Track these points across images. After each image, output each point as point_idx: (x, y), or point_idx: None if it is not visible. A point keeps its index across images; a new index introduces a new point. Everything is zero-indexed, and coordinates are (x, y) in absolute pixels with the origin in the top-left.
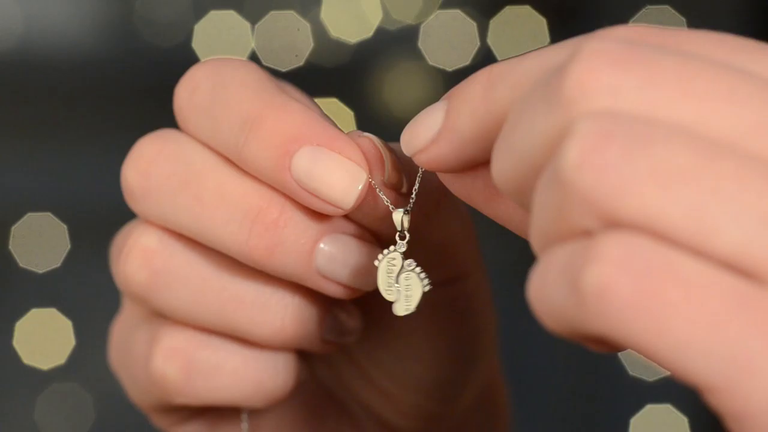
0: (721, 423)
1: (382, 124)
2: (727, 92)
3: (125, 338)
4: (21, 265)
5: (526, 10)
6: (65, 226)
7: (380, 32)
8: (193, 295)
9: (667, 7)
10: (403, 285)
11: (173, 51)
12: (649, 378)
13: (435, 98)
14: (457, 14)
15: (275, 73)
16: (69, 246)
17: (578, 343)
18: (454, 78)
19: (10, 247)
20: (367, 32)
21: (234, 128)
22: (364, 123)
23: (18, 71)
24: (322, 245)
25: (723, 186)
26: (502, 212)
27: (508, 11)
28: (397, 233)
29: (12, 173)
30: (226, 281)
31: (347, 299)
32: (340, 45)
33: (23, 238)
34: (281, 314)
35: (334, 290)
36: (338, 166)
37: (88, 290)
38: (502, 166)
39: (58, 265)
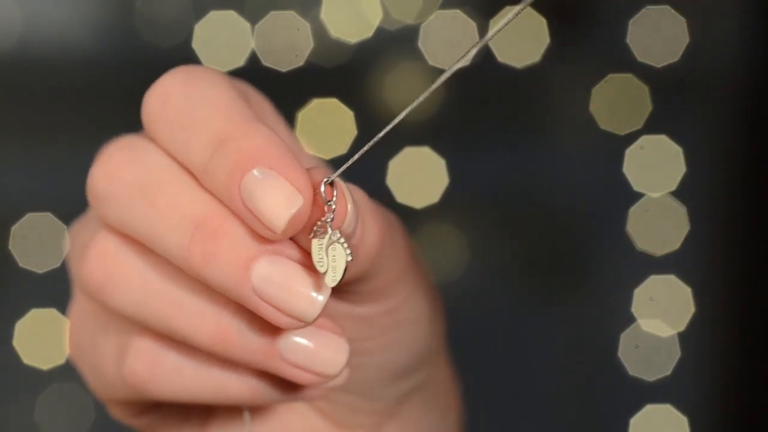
0: (721, 424)
1: (382, 124)
2: None
3: (91, 335)
4: (21, 265)
5: (526, 10)
6: (65, 226)
7: (380, 32)
8: (138, 298)
9: (667, 8)
10: (330, 256)
11: (173, 51)
12: (649, 378)
13: (435, 98)
14: (457, 14)
15: (275, 73)
16: (69, 246)
17: None
18: (454, 78)
19: (10, 247)
20: (367, 32)
21: (202, 144)
22: (364, 123)
23: (18, 71)
24: (259, 263)
25: None
26: None
27: (508, 11)
28: (326, 204)
29: (12, 173)
30: (168, 286)
31: (289, 329)
32: (340, 45)
33: (23, 238)
34: (216, 320)
35: (270, 314)
36: (278, 189)
37: None
38: None
39: (58, 265)
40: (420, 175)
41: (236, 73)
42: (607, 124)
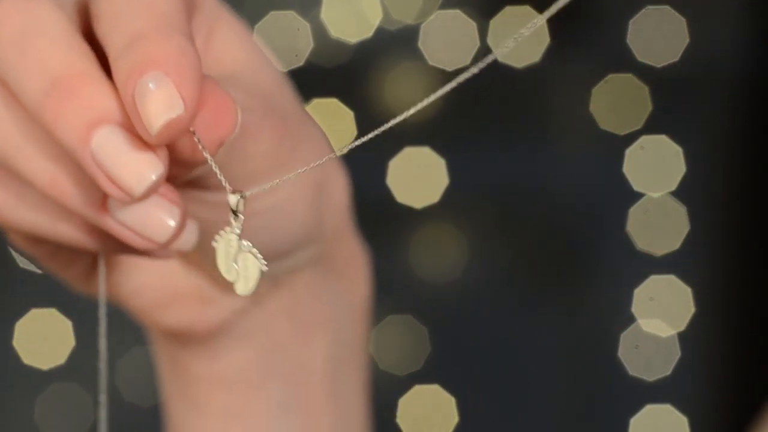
0: (721, 424)
1: (382, 123)
2: None
3: None
4: (21, 265)
5: (526, 10)
6: None
7: (380, 32)
8: None
9: (667, 8)
10: (241, 266)
11: None
12: (649, 378)
13: (435, 98)
14: (457, 14)
15: None
16: None
17: None
18: (454, 78)
19: (9, 247)
20: (367, 32)
21: (121, 37)
22: (364, 123)
23: None
24: (101, 130)
25: None
26: None
27: (508, 11)
28: (231, 215)
29: None
30: (19, 131)
31: (118, 198)
32: (340, 45)
33: None
34: (53, 168)
35: (102, 181)
36: (164, 94)
37: None
38: None
39: None
40: (420, 175)
41: None
42: (607, 124)
